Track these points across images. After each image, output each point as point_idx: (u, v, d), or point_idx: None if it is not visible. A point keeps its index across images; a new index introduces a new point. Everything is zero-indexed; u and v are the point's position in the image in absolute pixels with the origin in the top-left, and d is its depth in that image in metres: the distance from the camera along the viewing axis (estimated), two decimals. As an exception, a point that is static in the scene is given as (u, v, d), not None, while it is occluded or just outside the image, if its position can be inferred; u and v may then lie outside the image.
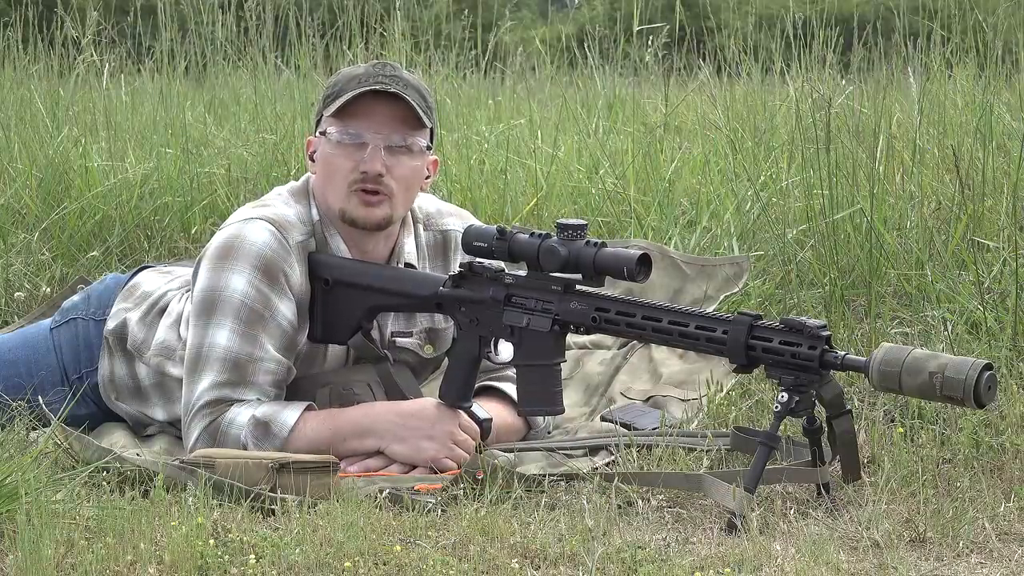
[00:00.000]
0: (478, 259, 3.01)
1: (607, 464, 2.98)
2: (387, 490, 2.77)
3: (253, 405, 2.94)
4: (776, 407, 2.70)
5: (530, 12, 10.28)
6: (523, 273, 2.98)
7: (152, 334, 3.16)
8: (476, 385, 3.08)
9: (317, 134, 3.10)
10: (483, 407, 3.04)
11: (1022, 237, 3.72)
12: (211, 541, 2.42)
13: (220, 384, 2.95)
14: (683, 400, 3.39)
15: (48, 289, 4.30)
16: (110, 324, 3.20)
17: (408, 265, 3.15)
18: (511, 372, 3.08)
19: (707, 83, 5.45)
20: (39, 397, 3.08)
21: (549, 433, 3.21)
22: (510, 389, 3.10)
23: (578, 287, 2.93)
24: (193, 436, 2.95)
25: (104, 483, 2.76)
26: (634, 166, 4.74)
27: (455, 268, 3.15)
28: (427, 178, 3.13)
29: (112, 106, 5.65)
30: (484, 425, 3.01)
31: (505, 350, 3.02)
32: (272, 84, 5.78)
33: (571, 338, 3.51)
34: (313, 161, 3.11)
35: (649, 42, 5.55)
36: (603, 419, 3.30)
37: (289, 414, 2.94)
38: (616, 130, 5.37)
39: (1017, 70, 5.05)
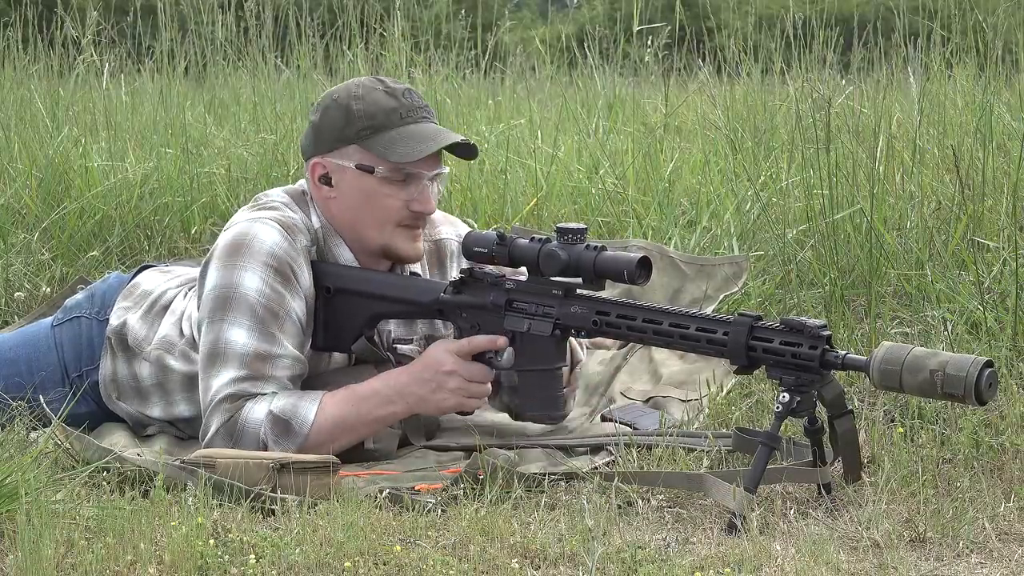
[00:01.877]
0: (478, 264, 3.01)
1: (607, 464, 2.98)
2: (387, 490, 2.77)
3: (269, 399, 2.93)
4: (777, 407, 2.70)
5: (530, 12, 10.29)
6: (523, 278, 2.98)
7: (154, 331, 3.15)
8: None
9: (343, 163, 3.03)
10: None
11: (1022, 237, 3.72)
12: (211, 541, 2.42)
13: (239, 379, 2.94)
14: (683, 401, 3.38)
15: (48, 289, 4.30)
16: (112, 323, 3.20)
17: (413, 273, 3.15)
18: None
19: (707, 83, 5.45)
20: (40, 396, 3.07)
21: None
22: None
23: (579, 291, 2.93)
24: (211, 430, 2.94)
25: (104, 483, 2.76)
26: (634, 166, 4.74)
27: (451, 275, 3.16)
28: None
29: (112, 106, 5.66)
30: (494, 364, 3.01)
31: (507, 355, 3.02)
32: (272, 84, 5.78)
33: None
34: (330, 185, 3.05)
35: (649, 42, 5.56)
36: (603, 419, 3.30)
37: (307, 407, 2.92)
38: (616, 130, 5.37)
39: (1017, 70, 5.05)
